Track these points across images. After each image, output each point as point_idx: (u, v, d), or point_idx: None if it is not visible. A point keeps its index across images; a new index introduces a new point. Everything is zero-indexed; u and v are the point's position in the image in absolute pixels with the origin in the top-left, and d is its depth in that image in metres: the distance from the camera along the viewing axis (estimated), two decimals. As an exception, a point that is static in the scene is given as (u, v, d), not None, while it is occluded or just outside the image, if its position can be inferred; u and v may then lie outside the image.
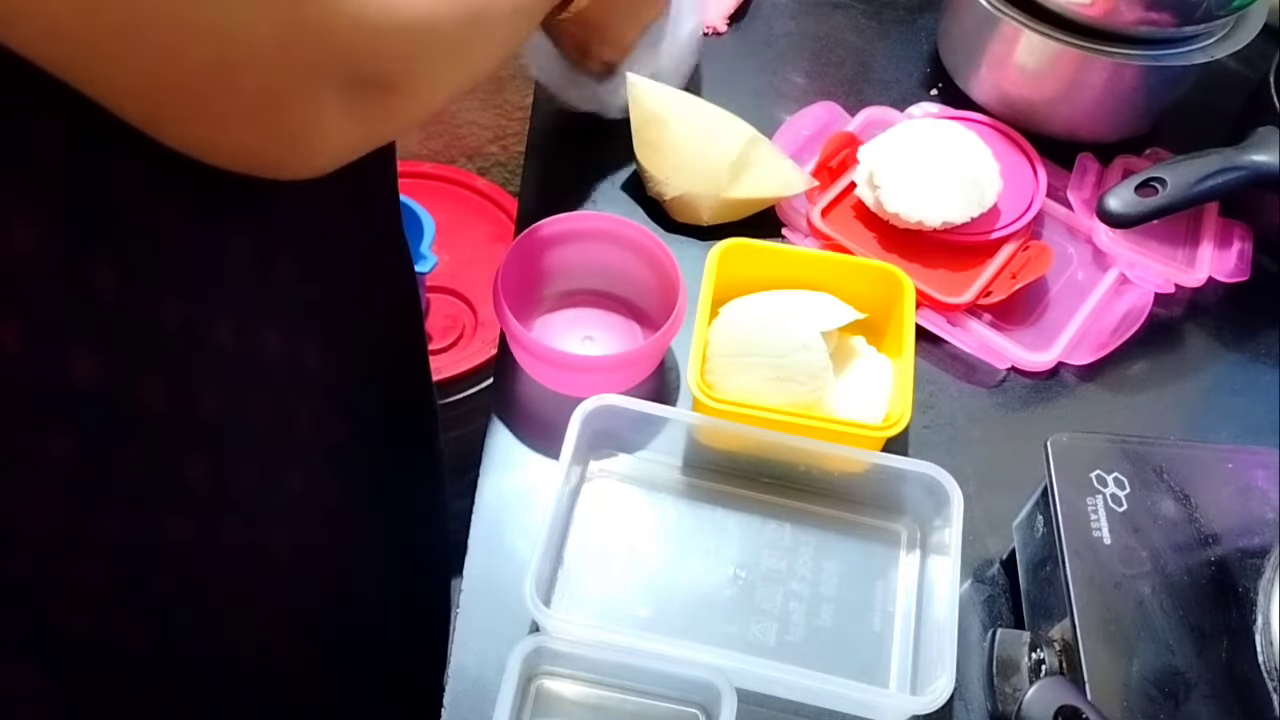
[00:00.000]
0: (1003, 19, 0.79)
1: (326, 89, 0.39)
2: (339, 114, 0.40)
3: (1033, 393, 0.71)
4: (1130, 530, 0.54)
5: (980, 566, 0.63)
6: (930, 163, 0.74)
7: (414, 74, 0.43)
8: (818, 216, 0.76)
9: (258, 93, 0.38)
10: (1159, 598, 0.52)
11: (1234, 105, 0.83)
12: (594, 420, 0.61)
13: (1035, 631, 0.56)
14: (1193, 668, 0.50)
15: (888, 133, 0.78)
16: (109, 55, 0.35)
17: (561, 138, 0.82)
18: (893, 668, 0.58)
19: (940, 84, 0.88)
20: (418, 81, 0.44)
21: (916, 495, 0.62)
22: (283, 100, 0.38)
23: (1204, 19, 0.75)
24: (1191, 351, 0.75)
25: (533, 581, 0.54)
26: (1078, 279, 0.76)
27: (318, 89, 0.39)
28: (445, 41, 0.44)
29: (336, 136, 0.41)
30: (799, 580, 0.61)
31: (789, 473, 0.63)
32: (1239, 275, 0.77)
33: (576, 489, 0.63)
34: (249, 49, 0.36)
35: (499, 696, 0.52)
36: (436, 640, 0.76)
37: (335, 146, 0.42)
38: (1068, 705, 0.47)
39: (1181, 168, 0.71)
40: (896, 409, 0.63)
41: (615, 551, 0.61)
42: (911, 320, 0.66)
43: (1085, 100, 0.80)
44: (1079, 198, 0.79)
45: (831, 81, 0.88)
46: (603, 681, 0.56)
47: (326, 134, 0.41)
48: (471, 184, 1.37)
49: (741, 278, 0.68)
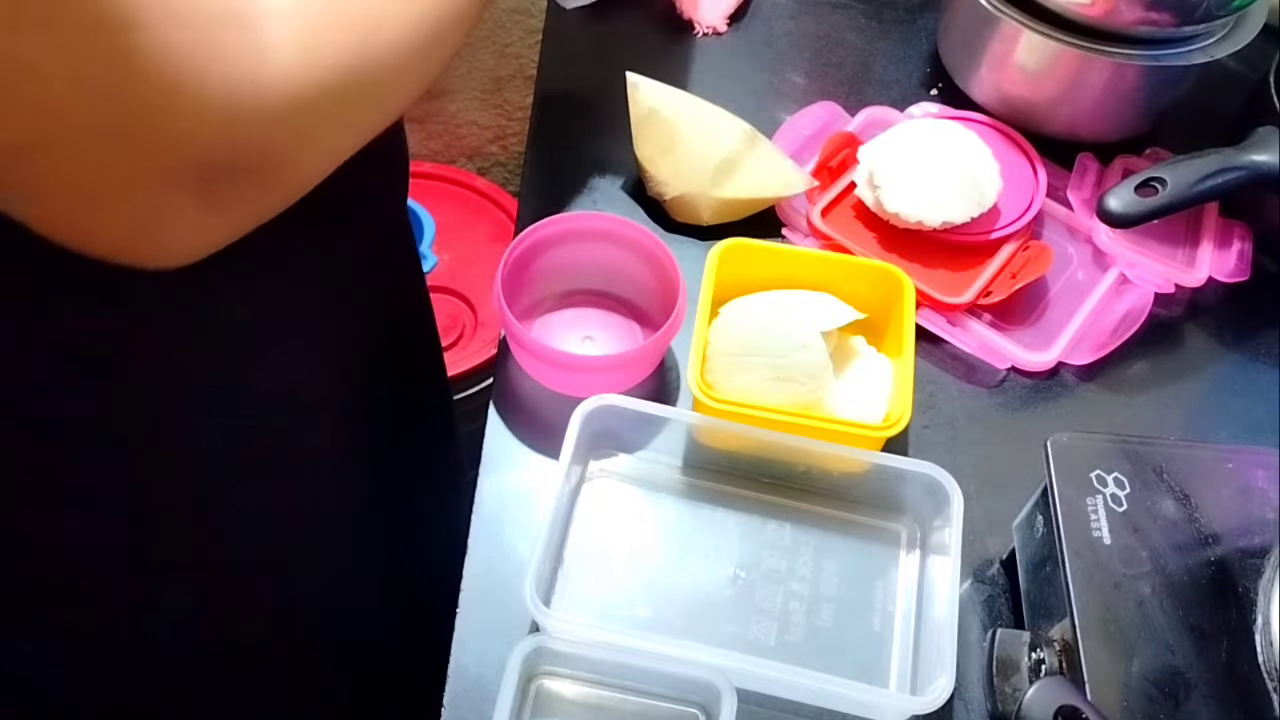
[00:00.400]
0: (1003, 19, 0.79)
1: (171, 177, 0.35)
2: (193, 202, 0.36)
3: (1033, 393, 0.71)
4: (1130, 530, 0.54)
5: (980, 566, 0.63)
6: (930, 162, 0.74)
7: (281, 155, 0.38)
8: (818, 216, 0.76)
9: (92, 178, 0.34)
10: (1159, 598, 0.52)
11: (1234, 105, 0.83)
12: (594, 420, 0.61)
13: (1035, 631, 0.56)
14: (1193, 668, 0.50)
15: (887, 133, 0.78)
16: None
17: (562, 138, 0.82)
18: (893, 668, 0.58)
19: (940, 84, 0.88)
20: (287, 162, 0.39)
21: (916, 495, 0.62)
22: (120, 187, 0.35)
23: (1204, 19, 0.75)
24: (1191, 351, 0.75)
25: (533, 581, 0.54)
26: (1078, 279, 0.76)
27: (159, 177, 0.35)
28: (319, 114, 0.38)
29: (193, 226, 0.37)
30: (799, 580, 0.61)
31: (789, 473, 0.63)
32: (1239, 275, 0.77)
33: (576, 489, 0.63)
34: (66, 133, 0.33)
35: (499, 696, 0.52)
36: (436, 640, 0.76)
37: (193, 236, 0.38)
38: (1068, 705, 0.47)
39: (1181, 168, 0.71)
40: (896, 409, 0.63)
41: (615, 551, 0.61)
42: (911, 320, 0.66)
43: (1085, 100, 0.80)
44: (1079, 197, 0.79)
45: (831, 81, 0.88)
46: (603, 681, 0.56)
47: (180, 223, 0.37)
48: (471, 184, 1.37)
49: (741, 278, 0.68)
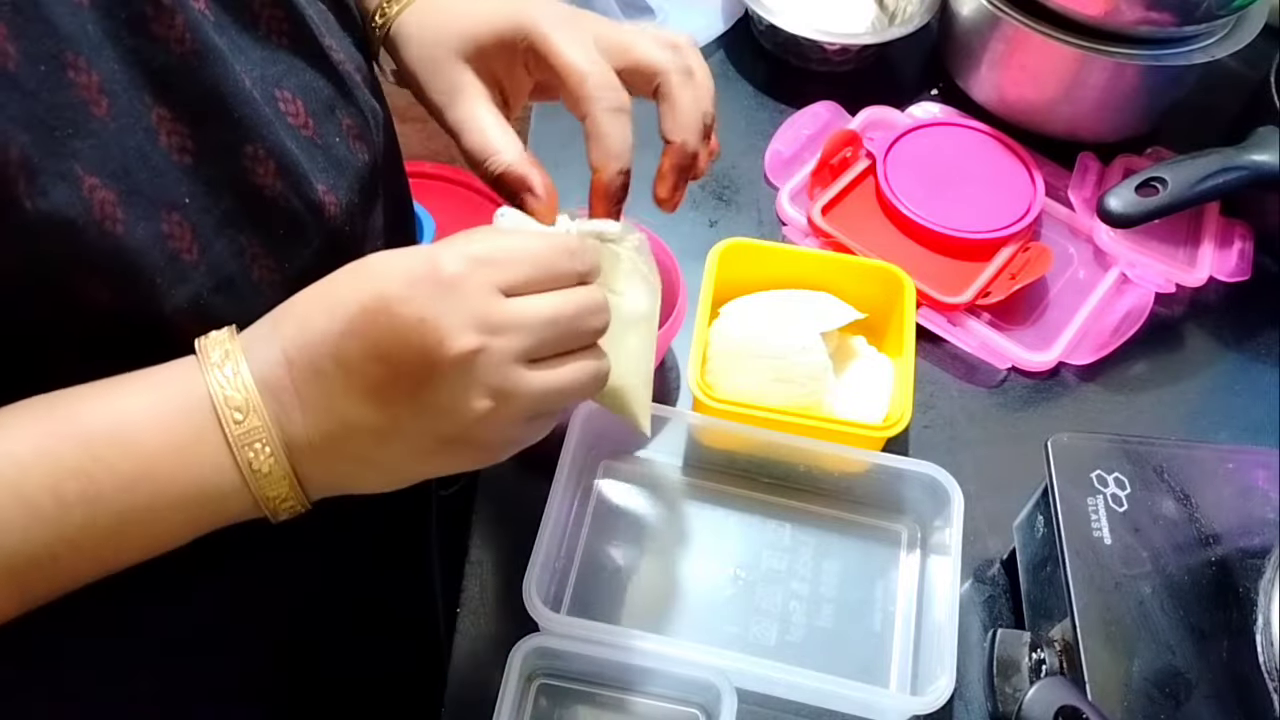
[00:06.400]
0: (1003, 19, 0.79)
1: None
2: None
3: (1033, 393, 0.71)
4: (1131, 530, 0.54)
5: (980, 566, 0.63)
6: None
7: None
8: (818, 215, 0.76)
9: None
10: (1159, 598, 0.52)
11: (1234, 105, 0.83)
12: (594, 420, 0.61)
13: (1035, 631, 0.56)
14: (1193, 668, 0.50)
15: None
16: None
17: (562, 138, 0.82)
18: (893, 668, 0.58)
19: (940, 83, 0.88)
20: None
21: (916, 495, 0.62)
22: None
23: (1204, 19, 0.75)
24: (1192, 351, 0.75)
25: (533, 581, 0.54)
26: (1078, 278, 0.76)
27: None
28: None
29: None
30: (799, 580, 0.61)
31: (789, 473, 0.63)
32: (1240, 275, 0.77)
33: (576, 489, 0.63)
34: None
35: (499, 696, 0.52)
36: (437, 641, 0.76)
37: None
38: (1068, 705, 0.47)
39: (1182, 167, 0.71)
40: (896, 409, 0.63)
41: (615, 551, 0.61)
42: (912, 320, 0.66)
43: (1086, 100, 0.80)
44: (1080, 197, 0.79)
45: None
46: (603, 681, 0.56)
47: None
48: (471, 184, 1.37)
49: (741, 278, 0.68)
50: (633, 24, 0.51)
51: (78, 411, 0.37)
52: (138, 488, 0.37)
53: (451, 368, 0.37)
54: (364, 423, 0.38)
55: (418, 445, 0.39)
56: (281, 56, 0.45)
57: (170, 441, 0.37)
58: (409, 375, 0.38)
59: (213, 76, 0.40)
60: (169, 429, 0.37)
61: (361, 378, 0.38)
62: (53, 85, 0.35)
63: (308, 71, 0.46)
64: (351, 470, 0.40)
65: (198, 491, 0.38)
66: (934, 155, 0.80)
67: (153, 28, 0.38)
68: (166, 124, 0.39)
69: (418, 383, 0.38)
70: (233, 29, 0.42)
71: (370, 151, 0.49)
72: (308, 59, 0.46)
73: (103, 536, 0.37)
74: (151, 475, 0.37)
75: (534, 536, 0.56)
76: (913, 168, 0.79)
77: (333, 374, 0.38)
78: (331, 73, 0.47)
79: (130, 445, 0.37)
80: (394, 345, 0.37)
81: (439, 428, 0.39)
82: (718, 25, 0.89)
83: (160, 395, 0.38)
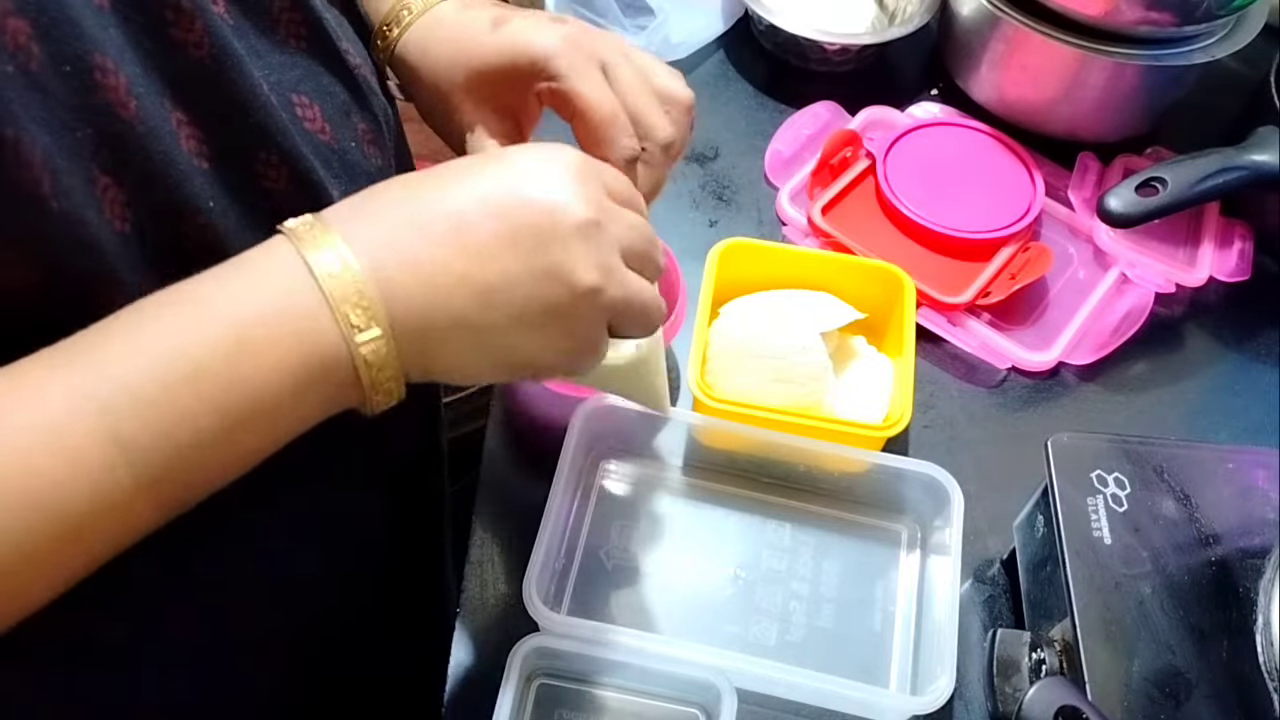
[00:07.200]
0: (1003, 19, 0.79)
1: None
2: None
3: (1033, 393, 0.71)
4: (1130, 530, 0.54)
5: (980, 566, 0.63)
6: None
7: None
8: (818, 214, 0.76)
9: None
10: (1159, 598, 0.52)
11: (1234, 105, 0.83)
12: (594, 420, 0.61)
13: (1035, 631, 0.56)
14: (1193, 668, 0.50)
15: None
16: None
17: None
18: (893, 668, 0.58)
19: (940, 83, 0.88)
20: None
21: (916, 495, 0.62)
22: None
23: (1204, 19, 0.75)
24: (1191, 351, 0.75)
25: (533, 581, 0.54)
26: (1078, 278, 0.76)
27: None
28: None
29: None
30: (799, 580, 0.61)
31: (789, 473, 0.63)
32: (1240, 275, 0.77)
33: (577, 489, 0.63)
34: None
35: (499, 696, 0.52)
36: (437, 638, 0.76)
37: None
38: (1068, 705, 0.47)
39: (1182, 167, 0.71)
40: (896, 409, 0.63)
41: (616, 551, 0.61)
42: (911, 320, 0.66)
43: (1086, 100, 0.80)
44: (1080, 197, 0.79)
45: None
46: (603, 681, 0.56)
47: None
48: (472, 184, 1.37)
49: (741, 278, 0.68)
50: (637, 46, 0.51)
51: (181, 293, 0.36)
52: (239, 362, 0.35)
53: (574, 231, 0.39)
54: (473, 278, 0.38)
55: (523, 312, 0.39)
56: (299, 60, 0.45)
57: (270, 313, 0.36)
58: (529, 233, 0.38)
59: (231, 82, 0.40)
60: (268, 302, 0.36)
61: (476, 231, 0.38)
62: (78, 86, 0.35)
63: (325, 75, 0.46)
64: (448, 336, 0.39)
65: (299, 362, 0.36)
66: (934, 155, 0.80)
67: (172, 32, 0.38)
68: (185, 128, 0.39)
69: (538, 242, 0.38)
70: (251, 33, 0.42)
71: (383, 156, 0.49)
72: (325, 63, 0.46)
73: (222, 427, 0.35)
74: (247, 343, 0.35)
75: (534, 536, 0.56)
76: (913, 168, 0.79)
77: (443, 231, 0.38)
78: (348, 77, 0.47)
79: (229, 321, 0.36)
80: (516, 205, 0.39)
81: (549, 293, 0.39)
82: (718, 25, 0.89)
83: (256, 273, 0.37)
